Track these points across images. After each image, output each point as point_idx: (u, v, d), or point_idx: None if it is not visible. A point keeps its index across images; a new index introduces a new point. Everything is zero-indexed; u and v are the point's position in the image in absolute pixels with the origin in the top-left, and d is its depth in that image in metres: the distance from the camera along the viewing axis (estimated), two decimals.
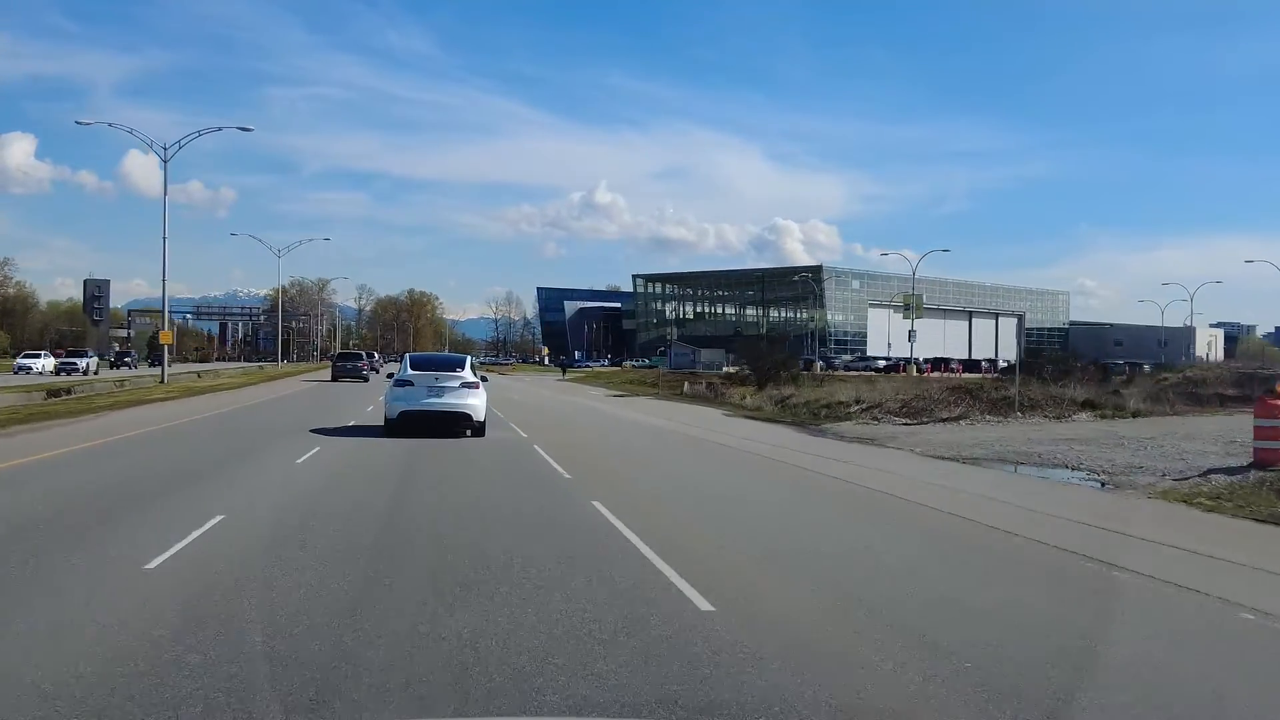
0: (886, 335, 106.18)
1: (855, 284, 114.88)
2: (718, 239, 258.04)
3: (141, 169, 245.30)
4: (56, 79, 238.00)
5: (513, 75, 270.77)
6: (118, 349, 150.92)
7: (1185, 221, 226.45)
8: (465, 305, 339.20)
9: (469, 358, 22.28)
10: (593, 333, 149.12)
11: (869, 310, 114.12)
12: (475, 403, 19.00)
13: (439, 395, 18.89)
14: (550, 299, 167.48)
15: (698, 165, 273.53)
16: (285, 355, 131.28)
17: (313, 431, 19.52)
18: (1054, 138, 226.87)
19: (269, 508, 9.89)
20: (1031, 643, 5.50)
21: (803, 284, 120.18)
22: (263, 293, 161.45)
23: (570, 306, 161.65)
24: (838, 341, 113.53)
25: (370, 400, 30.46)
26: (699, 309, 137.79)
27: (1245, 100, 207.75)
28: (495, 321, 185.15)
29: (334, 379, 51.84)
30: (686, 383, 43.43)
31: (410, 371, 19.59)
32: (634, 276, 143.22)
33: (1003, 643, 5.43)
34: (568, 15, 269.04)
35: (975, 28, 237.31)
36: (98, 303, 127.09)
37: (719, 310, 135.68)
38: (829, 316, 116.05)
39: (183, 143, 43.06)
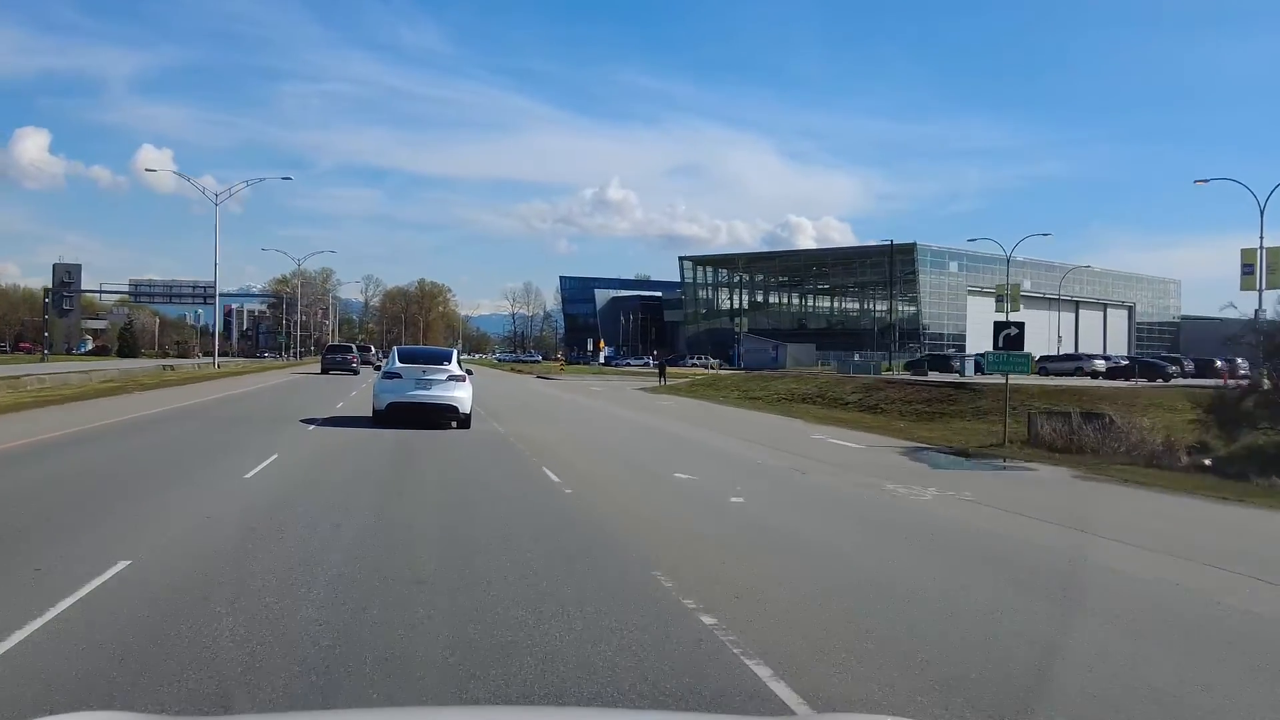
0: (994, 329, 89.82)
1: (953, 265, 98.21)
2: (730, 236, 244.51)
3: (155, 165, 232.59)
4: (69, 74, 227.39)
5: (525, 71, 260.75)
6: (91, 341, 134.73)
7: (1197, 221, 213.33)
8: (478, 302, 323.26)
9: (454, 351, 23.40)
10: (630, 326, 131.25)
11: (969, 299, 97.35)
12: (461, 395, 19.58)
13: (426, 388, 19.44)
14: (575, 289, 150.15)
15: (710, 162, 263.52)
16: (288, 349, 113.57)
17: None
18: (1067, 135, 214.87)
19: None
20: None
21: (889, 268, 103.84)
22: (261, 286, 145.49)
23: (601, 296, 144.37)
24: (932, 336, 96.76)
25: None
26: (756, 297, 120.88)
27: (1258, 99, 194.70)
28: (513, 316, 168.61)
29: (323, 371, 54.83)
30: (1042, 419, 20.74)
31: (398, 364, 20.35)
32: (681, 259, 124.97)
33: None
34: (580, 11, 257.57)
35: (988, 25, 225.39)
36: (67, 289, 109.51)
37: (783, 299, 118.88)
38: (923, 307, 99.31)
39: None
